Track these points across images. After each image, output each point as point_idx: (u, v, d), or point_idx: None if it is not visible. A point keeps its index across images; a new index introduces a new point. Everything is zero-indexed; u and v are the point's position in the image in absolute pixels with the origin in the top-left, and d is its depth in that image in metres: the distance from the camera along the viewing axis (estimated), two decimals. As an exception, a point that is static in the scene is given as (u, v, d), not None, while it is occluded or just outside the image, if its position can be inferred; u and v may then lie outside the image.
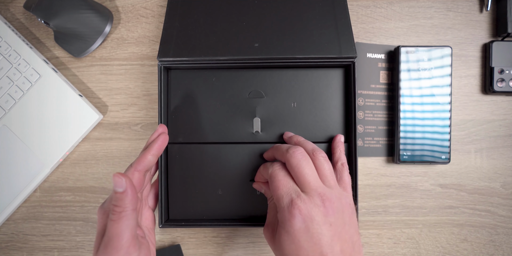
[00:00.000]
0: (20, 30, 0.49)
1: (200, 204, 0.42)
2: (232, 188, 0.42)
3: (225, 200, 0.42)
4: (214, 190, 0.42)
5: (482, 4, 0.48)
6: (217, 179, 0.42)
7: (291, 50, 0.40)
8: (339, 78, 0.43)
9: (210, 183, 0.42)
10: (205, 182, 0.42)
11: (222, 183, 0.42)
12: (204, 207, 0.42)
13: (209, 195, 0.42)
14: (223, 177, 0.42)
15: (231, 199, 0.42)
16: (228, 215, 0.42)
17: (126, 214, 0.29)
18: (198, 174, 0.42)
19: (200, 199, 0.42)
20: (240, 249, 0.47)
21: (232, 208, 0.42)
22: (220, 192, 0.42)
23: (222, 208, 0.42)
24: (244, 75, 0.43)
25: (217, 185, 0.42)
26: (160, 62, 0.41)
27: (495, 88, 0.46)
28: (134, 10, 0.49)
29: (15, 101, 0.47)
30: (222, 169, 0.42)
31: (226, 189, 0.42)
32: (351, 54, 0.40)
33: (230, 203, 0.42)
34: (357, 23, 0.48)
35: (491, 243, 0.47)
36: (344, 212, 0.31)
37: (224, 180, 0.42)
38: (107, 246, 0.29)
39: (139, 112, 0.48)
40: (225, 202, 0.42)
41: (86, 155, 0.48)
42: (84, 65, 0.49)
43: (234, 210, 0.42)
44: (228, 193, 0.42)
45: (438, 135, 0.45)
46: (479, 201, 0.47)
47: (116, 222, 0.29)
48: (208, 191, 0.42)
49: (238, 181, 0.42)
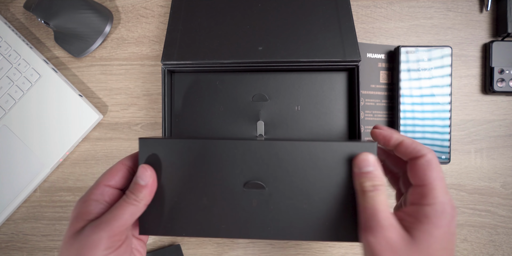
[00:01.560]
0: (20, 30, 0.49)
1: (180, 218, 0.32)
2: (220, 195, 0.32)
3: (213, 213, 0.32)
4: (197, 198, 0.32)
5: (482, 4, 0.48)
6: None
7: (294, 53, 0.40)
8: (343, 82, 0.43)
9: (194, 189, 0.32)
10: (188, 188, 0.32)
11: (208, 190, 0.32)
12: (184, 221, 0.32)
13: (192, 205, 0.32)
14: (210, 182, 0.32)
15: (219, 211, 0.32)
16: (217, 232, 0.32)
17: (136, 203, 0.29)
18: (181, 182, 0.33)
19: (180, 211, 0.32)
20: (240, 249, 0.47)
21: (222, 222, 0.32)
22: (206, 201, 0.32)
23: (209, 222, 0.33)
24: (248, 78, 0.43)
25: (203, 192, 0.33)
26: (164, 65, 0.41)
27: (495, 88, 0.46)
28: (134, 10, 0.49)
29: (15, 101, 0.47)
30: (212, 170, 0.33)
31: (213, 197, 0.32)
32: (355, 58, 0.40)
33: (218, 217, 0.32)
34: (357, 23, 0.48)
35: (491, 243, 0.47)
36: None
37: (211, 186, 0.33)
38: (107, 223, 0.27)
39: (139, 112, 0.48)
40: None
41: (86, 155, 0.48)
42: (84, 65, 0.49)
43: (224, 225, 0.32)
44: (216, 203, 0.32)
45: (438, 135, 0.45)
46: (479, 201, 0.47)
47: (126, 205, 0.28)
48: (191, 200, 0.32)
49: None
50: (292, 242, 0.47)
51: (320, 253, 0.47)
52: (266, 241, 0.47)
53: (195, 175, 0.32)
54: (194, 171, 0.32)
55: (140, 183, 0.29)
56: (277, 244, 0.47)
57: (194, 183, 0.32)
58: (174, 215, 0.32)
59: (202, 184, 0.32)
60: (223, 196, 0.32)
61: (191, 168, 0.32)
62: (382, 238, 0.26)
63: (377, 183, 0.28)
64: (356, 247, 0.47)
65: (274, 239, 0.32)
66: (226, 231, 0.32)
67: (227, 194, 0.32)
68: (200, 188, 0.32)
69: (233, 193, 0.32)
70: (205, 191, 0.32)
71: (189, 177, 0.32)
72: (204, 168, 0.32)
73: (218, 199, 0.32)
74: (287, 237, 0.31)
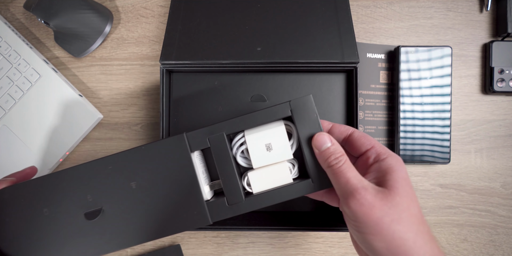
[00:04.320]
0: (20, 30, 0.49)
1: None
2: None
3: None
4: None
5: (482, 4, 0.48)
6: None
7: (293, 54, 0.40)
8: (341, 83, 0.43)
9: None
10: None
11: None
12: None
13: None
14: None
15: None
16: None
17: None
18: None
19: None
20: (240, 249, 0.47)
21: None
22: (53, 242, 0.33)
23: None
24: (246, 79, 0.43)
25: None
26: (163, 65, 0.41)
27: (495, 88, 0.46)
28: (134, 10, 0.49)
29: (15, 101, 0.47)
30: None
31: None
32: (353, 59, 0.40)
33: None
34: (357, 23, 0.48)
35: (491, 243, 0.47)
36: None
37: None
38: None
39: (139, 112, 0.48)
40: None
41: (86, 155, 0.48)
42: (84, 65, 0.49)
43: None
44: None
45: (438, 135, 0.45)
46: (479, 201, 0.47)
47: None
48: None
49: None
50: (292, 242, 0.47)
51: (320, 253, 0.47)
52: (266, 241, 0.47)
53: (40, 216, 0.32)
54: (36, 213, 0.32)
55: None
56: (277, 244, 0.47)
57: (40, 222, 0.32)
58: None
59: (47, 223, 0.32)
60: (67, 235, 0.32)
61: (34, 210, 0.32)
62: (362, 199, 0.27)
63: (338, 154, 0.30)
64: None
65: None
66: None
67: (71, 231, 0.32)
68: (46, 226, 0.32)
69: (78, 228, 0.32)
70: (52, 229, 0.32)
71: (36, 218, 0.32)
72: (46, 205, 0.32)
73: (62, 242, 0.32)
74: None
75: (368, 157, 0.32)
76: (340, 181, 0.29)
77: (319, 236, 0.47)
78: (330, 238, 0.47)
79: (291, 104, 0.32)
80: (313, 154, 0.32)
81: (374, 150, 0.32)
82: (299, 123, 0.32)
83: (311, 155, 0.32)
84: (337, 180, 0.30)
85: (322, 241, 0.47)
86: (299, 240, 0.47)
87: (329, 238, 0.47)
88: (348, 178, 0.29)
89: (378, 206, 0.27)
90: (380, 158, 0.31)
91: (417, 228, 0.27)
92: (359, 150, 0.33)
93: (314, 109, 0.32)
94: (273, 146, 0.33)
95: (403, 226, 0.27)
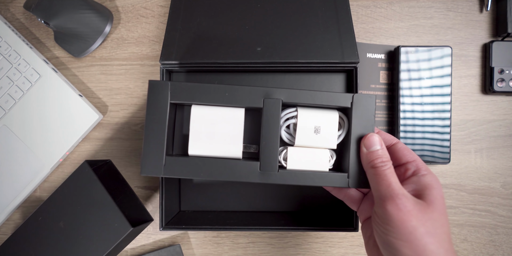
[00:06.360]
0: (20, 30, 0.50)
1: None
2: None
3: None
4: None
5: (482, 4, 0.48)
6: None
7: (293, 54, 0.40)
8: (341, 83, 0.43)
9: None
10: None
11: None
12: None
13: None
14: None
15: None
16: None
17: None
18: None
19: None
20: (240, 249, 0.47)
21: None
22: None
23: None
24: (246, 79, 0.43)
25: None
26: (163, 65, 0.41)
27: (495, 88, 0.46)
28: (134, 10, 0.49)
29: (15, 101, 0.47)
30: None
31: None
32: (353, 60, 0.40)
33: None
34: (357, 23, 0.48)
35: (491, 243, 0.47)
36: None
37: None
38: None
39: (139, 112, 0.48)
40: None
41: (86, 155, 0.48)
42: (84, 65, 0.49)
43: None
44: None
45: (438, 135, 0.45)
46: (479, 201, 0.47)
47: None
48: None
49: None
50: (292, 242, 0.47)
51: (320, 253, 0.47)
52: (266, 241, 0.47)
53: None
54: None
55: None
56: (277, 244, 0.47)
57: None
58: None
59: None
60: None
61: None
62: (402, 204, 0.28)
63: (385, 159, 0.31)
64: (356, 247, 0.47)
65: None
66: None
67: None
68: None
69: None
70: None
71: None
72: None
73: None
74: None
75: (407, 169, 0.32)
76: (382, 183, 0.30)
77: (319, 236, 0.47)
78: (330, 238, 0.47)
79: (354, 97, 0.32)
80: (358, 151, 0.33)
81: (415, 164, 0.32)
82: (355, 118, 0.32)
83: (356, 152, 0.32)
84: (378, 182, 0.30)
85: (322, 241, 0.47)
86: (299, 240, 0.47)
87: (329, 238, 0.47)
88: (390, 182, 0.30)
89: (415, 215, 0.28)
90: (420, 173, 0.32)
91: (448, 246, 0.28)
92: (398, 161, 0.33)
93: (374, 109, 0.32)
94: (322, 131, 0.33)
95: (436, 241, 0.28)
